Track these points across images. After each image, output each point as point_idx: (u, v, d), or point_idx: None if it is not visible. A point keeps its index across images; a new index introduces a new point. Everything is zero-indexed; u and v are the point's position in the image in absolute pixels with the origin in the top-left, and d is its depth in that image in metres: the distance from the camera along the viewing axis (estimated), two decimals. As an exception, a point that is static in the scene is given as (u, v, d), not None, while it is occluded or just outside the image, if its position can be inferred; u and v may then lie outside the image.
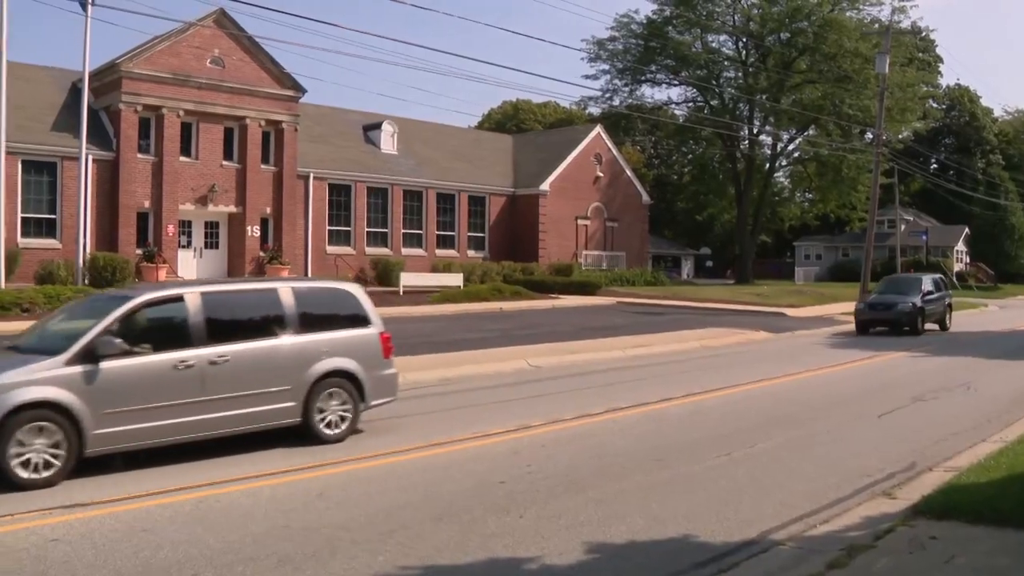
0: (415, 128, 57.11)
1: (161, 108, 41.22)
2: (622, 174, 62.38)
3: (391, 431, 14.89)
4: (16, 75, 37.28)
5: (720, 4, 76.49)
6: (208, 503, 10.38)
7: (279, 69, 44.96)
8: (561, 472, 11.82)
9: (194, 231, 43.55)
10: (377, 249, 49.82)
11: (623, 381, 21.39)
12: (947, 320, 38.34)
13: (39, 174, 39.26)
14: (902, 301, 35.42)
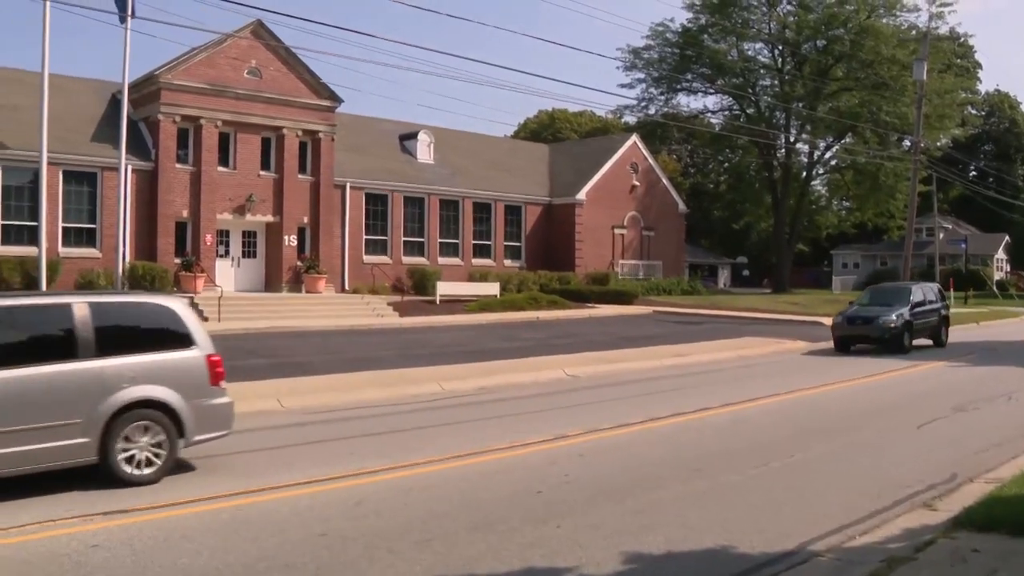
0: (451, 137, 57.19)
1: (199, 119, 41.47)
2: (658, 183, 62.25)
3: (428, 440, 14.91)
4: (57, 87, 37.59)
5: (755, 12, 76.28)
6: (245, 511, 10.43)
7: (316, 79, 45.13)
8: (599, 482, 11.80)
9: (232, 240, 43.76)
10: (414, 258, 49.90)
11: (660, 391, 21.36)
12: (943, 334, 34.64)
13: (79, 184, 39.58)
14: (884, 314, 31.48)
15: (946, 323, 35.29)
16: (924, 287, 35.76)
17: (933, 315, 34.16)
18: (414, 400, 19.68)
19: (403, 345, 30.04)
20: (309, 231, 44.99)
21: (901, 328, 31.24)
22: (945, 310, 35.68)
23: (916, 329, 32.39)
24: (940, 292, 36.88)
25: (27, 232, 37.34)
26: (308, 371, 23.11)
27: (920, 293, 34.05)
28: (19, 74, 41.47)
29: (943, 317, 35.03)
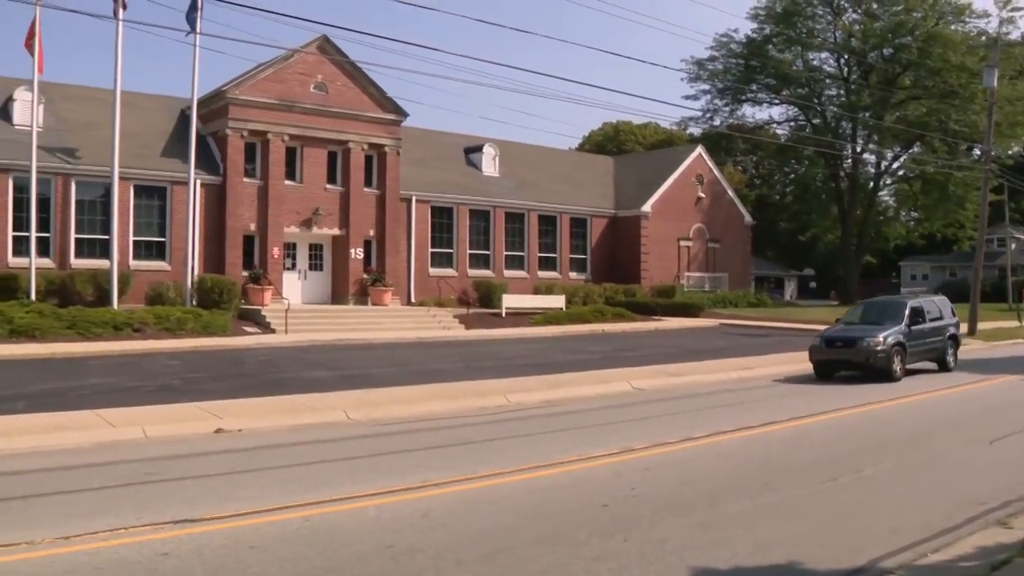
0: (516, 150, 57.33)
1: (266, 133, 41.93)
2: (724, 195, 61.98)
3: (494, 453, 14.93)
4: (129, 103, 38.25)
5: (821, 21, 75.83)
6: (314, 522, 10.50)
7: (381, 93, 45.45)
8: (665, 495, 11.75)
9: (299, 253, 44.15)
10: (479, 271, 50.05)
11: (727, 404, 21.22)
12: (949, 357, 29.57)
13: (150, 198, 40.16)
14: (869, 335, 26.69)
15: (955, 343, 30.21)
16: (927, 301, 30.64)
17: (937, 335, 29.27)
18: (480, 413, 19.71)
19: (469, 357, 30.12)
20: (375, 244, 45.27)
21: (888, 351, 26.22)
22: (955, 328, 30.67)
23: (913, 352, 27.49)
24: (949, 307, 31.25)
25: (99, 245, 37.99)
26: (374, 383, 23.21)
27: (920, 309, 29.00)
28: (93, 92, 42.25)
29: (951, 337, 29.97)
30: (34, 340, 30.00)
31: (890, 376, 26.06)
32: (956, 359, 29.97)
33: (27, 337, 30.19)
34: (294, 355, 30.03)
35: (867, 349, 26.34)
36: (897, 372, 26.35)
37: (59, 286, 36.20)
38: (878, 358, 26.22)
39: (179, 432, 16.75)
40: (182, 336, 32.77)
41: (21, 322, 30.95)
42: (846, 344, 27.03)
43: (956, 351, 30.23)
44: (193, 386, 22.76)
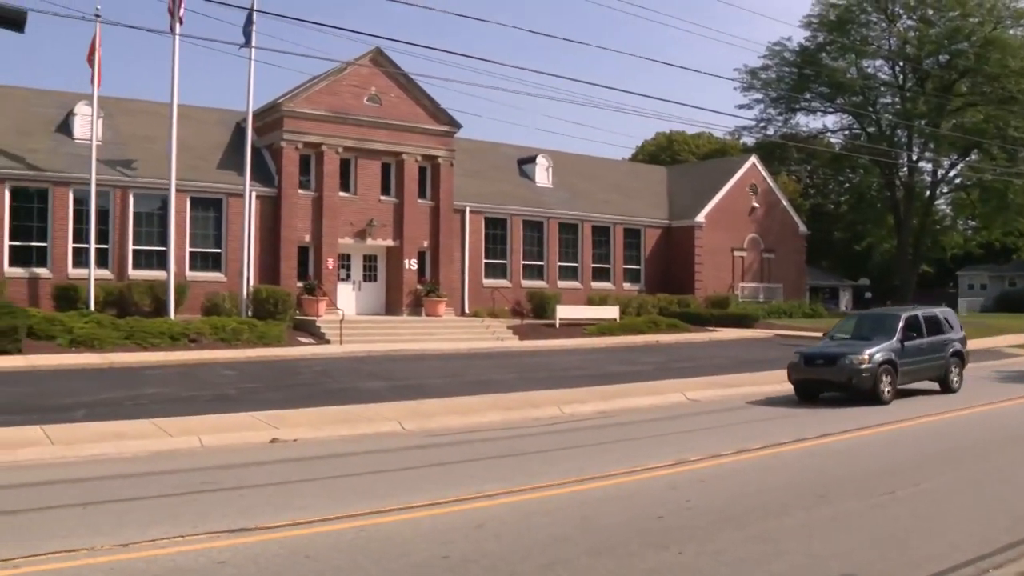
0: (569, 161, 57.30)
1: (321, 145, 42.18)
2: (778, 204, 61.58)
3: (548, 464, 14.93)
4: (185, 116, 38.70)
5: (875, 28, 75.08)
6: (369, 532, 10.54)
7: (435, 105, 45.59)
8: (720, 507, 11.70)
9: (353, 264, 44.35)
10: (533, 282, 50.03)
11: (782, 416, 21.10)
12: (953, 376, 26.40)
13: (206, 210, 40.52)
14: (853, 351, 23.86)
15: (960, 361, 27.01)
16: (927, 314, 27.12)
17: (938, 351, 26.15)
18: (534, 423, 19.72)
19: (522, 368, 30.14)
20: (429, 255, 45.39)
21: (875, 370, 23.39)
22: (961, 344, 27.35)
23: (907, 371, 24.68)
24: (954, 320, 28.24)
25: (156, 257, 38.36)
26: (428, 394, 23.29)
27: (917, 322, 25.92)
28: (151, 105, 42.73)
29: (955, 354, 26.76)
30: (93, 350, 30.36)
31: (877, 398, 23.24)
32: (961, 379, 26.78)
33: (86, 347, 30.57)
34: (349, 366, 30.16)
35: (850, 368, 23.42)
36: (885, 394, 23.48)
37: (117, 297, 36.62)
38: (862, 378, 23.30)
39: (235, 441, 16.90)
40: (238, 346, 33.01)
41: (80, 332, 31.36)
42: (827, 362, 24.13)
43: (962, 370, 26.93)
44: (248, 396, 22.95)
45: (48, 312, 33.80)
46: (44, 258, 37.08)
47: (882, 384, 23.52)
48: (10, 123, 38.84)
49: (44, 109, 40.67)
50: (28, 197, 36.97)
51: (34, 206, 37.05)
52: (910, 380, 25.26)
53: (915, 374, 25.34)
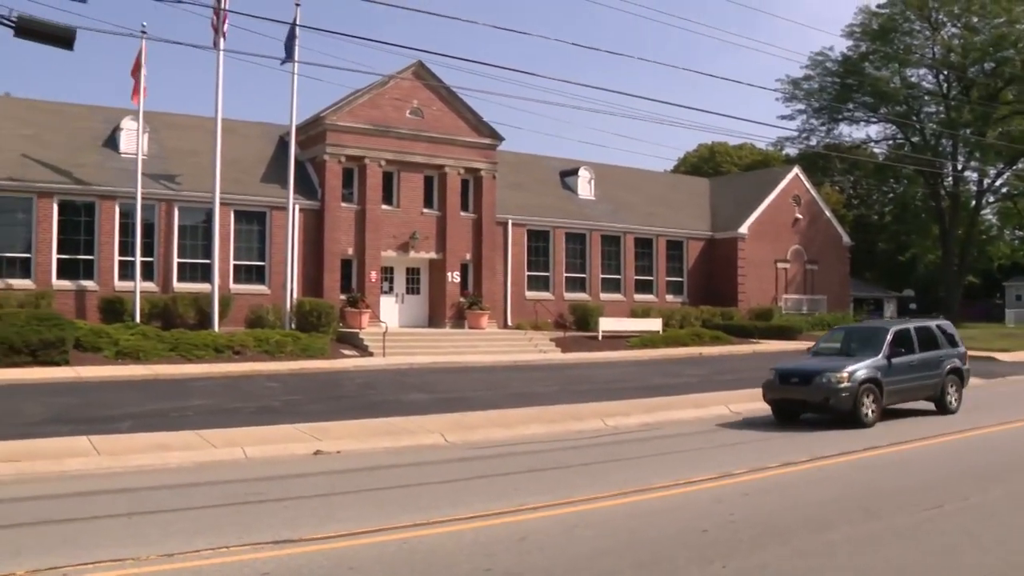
0: (611, 173, 57.25)
1: (363, 158, 42.37)
2: (821, 215, 61.22)
3: (592, 476, 14.89)
4: (229, 130, 39.03)
5: (918, 37, 74.65)
6: (412, 544, 10.54)
7: (476, 118, 45.69)
8: (765, 521, 11.60)
9: (396, 277, 44.49)
10: (576, 294, 49.98)
11: (828, 429, 20.91)
12: (950, 396, 24.03)
13: (249, 223, 40.78)
14: (832, 368, 21.62)
15: (959, 380, 24.53)
16: (921, 327, 24.66)
17: (932, 369, 23.74)
18: (577, 436, 19.68)
19: (565, 381, 30.10)
20: (472, 267, 45.46)
21: (854, 389, 21.10)
22: (960, 360, 24.82)
23: (894, 390, 22.33)
24: (952, 334, 25.58)
25: (201, 269, 38.66)
26: (471, 406, 23.29)
27: (907, 336, 23.59)
28: (195, 120, 43.15)
29: (953, 371, 24.31)
30: (138, 361, 30.63)
31: (857, 420, 21.02)
32: (960, 399, 24.36)
33: (132, 358, 30.86)
34: (392, 378, 30.23)
35: (826, 386, 21.15)
36: (867, 416, 21.23)
37: (162, 309, 36.92)
38: (840, 398, 21.03)
39: (279, 453, 16.97)
40: (281, 359, 33.18)
41: (126, 344, 31.66)
42: (802, 380, 21.85)
43: (960, 389, 24.49)
44: (292, 408, 23.04)
45: (95, 324, 34.13)
46: (91, 271, 37.45)
47: (863, 405, 21.22)
48: (59, 139, 39.33)
49: (91, 124, 41.17)
50: (76, 211, 37.38)
51: (81, 220, 37.45)
52: (899, 400, 23.00)
53: (904, 393, 23.00)
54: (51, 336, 29.73)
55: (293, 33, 36.11)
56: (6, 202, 36.22)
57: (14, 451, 15.98)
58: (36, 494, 13.48)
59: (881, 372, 21.94)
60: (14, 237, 36.44)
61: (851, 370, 21.40)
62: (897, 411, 23.52)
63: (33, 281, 36.22)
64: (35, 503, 12.88)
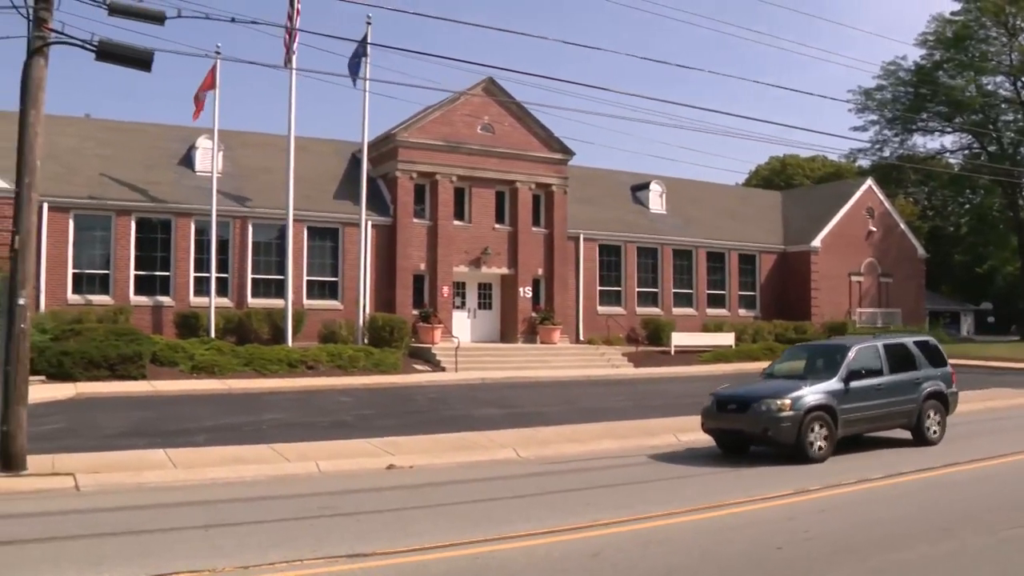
0: (682, 187, 57.00)
1: (435, 174, 42.58)
2: (895, 228, 60.47)
3: (665, 492, 14.81)
4: (302, 148, 39.48)
5: (995, 44, 73.34)
6: (485, 559, 10.54)
7: (547, 133, 45.73)
8: (840, 539, 11.44)
9: (468, 292, 44.63)
10: (647, 309, 49.79)
11: (906, 444, 20.60)
12: (929, 423, 20.60)
13: (322, 240, 41.14)
14: (774, 394, 18.57)
15: (942, 405, 21.13)
16: (892, 344, 21.27)
17: (906, 393, 20.38)
18: (650, 451, 19.57)
19: (637, 396, 30.00)
20: (543, 282, 45.48)
21: (798, 418, 17.92)
22: (944, 383, 21.54)
23: (853, 418, 19.13)
24: (934, 352, 22.06)
25: (274, 285, 39.09)
26: (543, 421, 23.27)
27: (873, 355, 20.35)
28: (268, 138, 43.66)
29: (933, 396, 20.94)
30: (213, 376, 31.03)
31: (803, 454, 17.94)
32: (943, 427, 20.98)
33: (207, 373, 31.27)
34: (464, 393, 30.30)
35: (766, 415, 18.11)
36: (815, 449, 18.08)
37: (236, 324, 37.36)
38: (780, 428, 17.93)
39: (351, 467, 17.05)
40: (354, 373, 33.41)
41: (201, 358, 32.10)
42: (740, 407, 18.82)
43: (944, 416, 21.12)
44: (365, 422, 23.18)
45: (171, 339, 34.65)
46: (167, 287, 38.00)
47: (810, 436, 18.04)
48: (137, 158, 40.01)
49: (167, 144, 41.83)
50: (152, 228, 38.01)
51: (158, 237, 38.06)
52: (863, 429, 19.95)
53: (868, 422, 19.80)
54: (129, 351, 30.26)
55: (359, 52, 36.37)
56: (86, 220, 36.92)
57: (94, 463, 16.24)
58: (115, 505, 13.68)
59: (835, 398, 18.72)
60: (93, 254, 37.13)
61: (796, 396, 18.25)
62: (870, 440, 20.64)
63: (112, 297, 36.85)
64: (114, 514, 13.07)
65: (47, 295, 35.43)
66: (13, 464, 15.93)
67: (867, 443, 20.29)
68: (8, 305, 16.29)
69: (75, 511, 13.25)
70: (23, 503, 13.98)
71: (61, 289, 36.19)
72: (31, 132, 16.44)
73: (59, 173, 36.29)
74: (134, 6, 16.47)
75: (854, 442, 19.85)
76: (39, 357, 28.22)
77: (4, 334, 16.32)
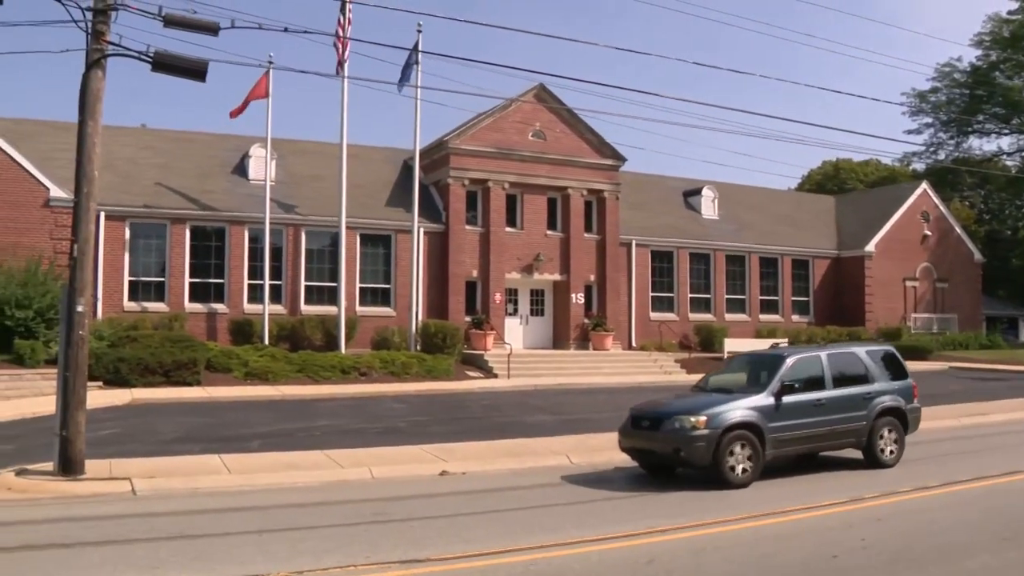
0: (735, 192, 56.72)
1: (487, 181, 42.63)
2: (951, 232, 59.82)
3: (719, 499, 14.75)
4: (353, 156, 39.68)
5: (1053, 42, 72.43)
6: (539, 566, 10.55)
7: (599, 139, 45.65)
8: (898, 548, 11.33)
9: (520, 299, 44.63)
10: (700, 315, 49.56)
11: (960, 452, 20.39)
12: (883, 444, 18.25)
13: (375, 247, 41.31)
14: (687, 411, 16.64)
15: (898, 422, 18.64)
16: (836, 354, 18.87)
17: (854, 409, 18.06)
18: (702, 457, 19.46)
19: (690, 402, 29.79)
20: (596, 288, 45.38)
21: (714, 437, 16.03)
22: (903, 397, 18.96)
23: (786, 438, 16.93)
24: (890, 364, 19.46)
25: (327, 292, 39.29)
26: (596, 428, 23.23)
27: (813, 367, 18.07)
28: (320, 146, 43.94)
29: (887, 412, 18.53)
30: (266, 382, 31.24)
31: (722, 478, 15.99)
32: (899, 447, 18.51)
33: (260, 379, 31.49)
34: (516, 399, 30.33)
35: (678, 433, 16.25)
36: (735, 473, 16.08)
37: (290, 331, 37.61)
38: (694, 448, 16.06)
39: (404, 474, 17.13)
40: (407, 380, 33.53)
41: (255, 365, 32.35)
42: (652, 424, 16.97)
43: (901, 434, 18.66)
44: (418, 429, 23.25)
45: (224, 346, 34.97)
46: (221, 294, 38.32)
47: (729, 458, 16.08)
48: (191, 166, 40.42)
49: (221, 152, 42.22)
50: (206, 236, 38.34)
51: (212, 244, 38.39)
52: (800, 450, 17.76)
53: (807, 442, 17.57)
54: (184, 357, 30.56)
55: (411, 59, 36.51)
56: (141, 229, 37.34)
57: (150, 468, 16.46)
58: (171, 510, 13.84)
59: (763, 414, 16.65)
60: (149, 262, 37.52)
61: (714, 412, 16.39)
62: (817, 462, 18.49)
63: (166, 304, 37.22)
64: (170, 518, 13.21)
65: (104, 302, 35.85)
66: (72, 468, 16.18)
67: (811, 465, 18.22)
68: (67, 312, 16.54)
69: (132, 515, 13.42)
70: (82, 507, 14.21)
71: (118, 296, 36.62)
72: (89, 143, 16.69)
73: (116, 183, 36.75)
74: (189, 18, 16.67)
75: (798, 464, 18.14)
76: (96, 363, 28.53)
77: (63, 340, 16.59)
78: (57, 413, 16.51)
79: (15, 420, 23.54)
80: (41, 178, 34.82)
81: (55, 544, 11.80)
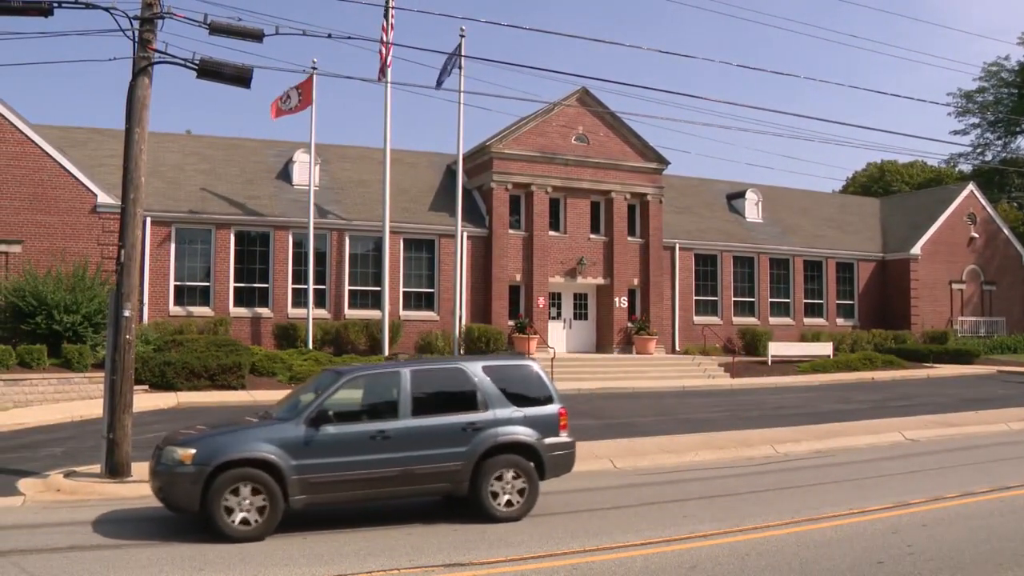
0: (779, 195, 56.46)
1: (530, 185, 42.67)
2: (999, 234, 59.22)
3: (763, 504, 14.70)
4: (397, 161, 39.91)
5: (1107, 38, 71.54)
6: (581, 570, 10.52)
7: (642, 142, 45.57)
8: (945, 555, 11.22)
9: (563, 303, 44.60)
10: (744, 319, 49.37)
11: (1010, 458, 20.17)
12: (494, 492, 13.77)
13: (418, 251, 41.43)
14: (178, 442, 13.14)
15: (534, 463, 14.26)
16: (425, 370, 14.64)
17: (447, 445, 13.81)
18: (747, 463, 19.45)
19: (734, 407, 29.76)
20: (639, 292, 45.29)
21: (201, 477, 12.56)
22: (535, 431, 14.37)
23: (327, 482, 13.07)
24: (525, 383, 14.92)
25: (371, 296, 39.46)
26: (640, 432, 23.22)
27: (380, 389, 14.36)
28: (364, 151, 44.26)
29: (506, 448, 14.10)
30: (311, 388, 31.35)
31: (216, 529, 12.48)
32: (529, 495, 14.04)
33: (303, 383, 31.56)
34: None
35: (164, 469, 12.95)
36: (232, 526, 12.49)
37: (334, 335, 37.79)
38: (176, 489, 12.77)
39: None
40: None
41: (299, 369, 32.55)
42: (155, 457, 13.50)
43: (532, 479, 14.12)
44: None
45: (269, 350, 35.23)
46: (266, 298, 38.57)
47: (224, 506, 12.52)
48: (237, 172, 40.75)
49: (265, 158, 42.54)
50: (251, 241, 38.62)
51: (256, 249, 38.66)
52: (351, 497, 13.62)
53: (364, 486, 13.44)
54: (229, 361, 30.80)
55: (453, 63, 36.61)
56: (187, 234, 37.65)
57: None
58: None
59: (288, 449, 12.99)
60: (194, 267, 37.81)
61: (206, 444, 12.95)
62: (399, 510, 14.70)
63: (212, 309, 37.50)
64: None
65: (150, 307, 36.19)
66: (119, 470, 16.38)
67: (389, 514, 14.33)
68: (114, 316, 16.73)
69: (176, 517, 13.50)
70: (128, 508, 14.36)
71: (163, 301, 36.94)
72: (136, 150, 16.88)
73: (162, 189, 37.12)
74: (234, 25, 16.82)
75: (368, 512, 14.32)
76: (142, 367, 28.90)
77: (110, 344, 16.77)
78: (104, 416, 16.71)
79: (63, 423, 23.89)
80: (89, 184, 35.16)
81: (103, 545, 11.97)
